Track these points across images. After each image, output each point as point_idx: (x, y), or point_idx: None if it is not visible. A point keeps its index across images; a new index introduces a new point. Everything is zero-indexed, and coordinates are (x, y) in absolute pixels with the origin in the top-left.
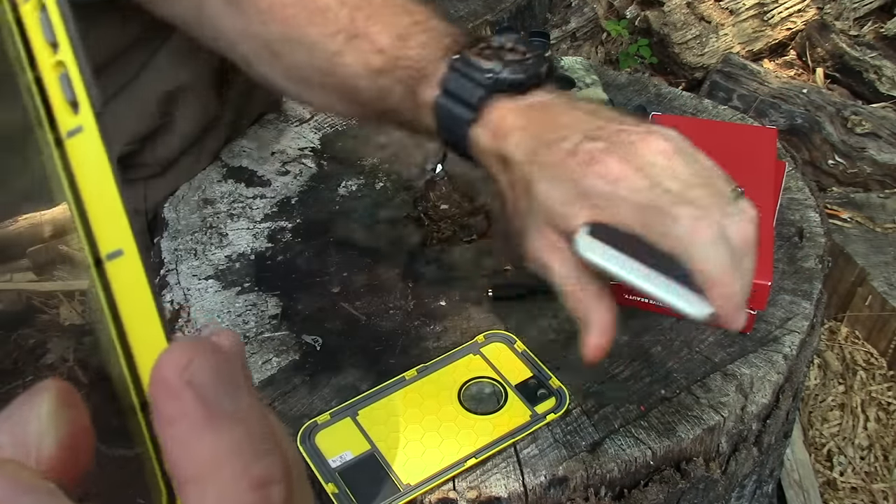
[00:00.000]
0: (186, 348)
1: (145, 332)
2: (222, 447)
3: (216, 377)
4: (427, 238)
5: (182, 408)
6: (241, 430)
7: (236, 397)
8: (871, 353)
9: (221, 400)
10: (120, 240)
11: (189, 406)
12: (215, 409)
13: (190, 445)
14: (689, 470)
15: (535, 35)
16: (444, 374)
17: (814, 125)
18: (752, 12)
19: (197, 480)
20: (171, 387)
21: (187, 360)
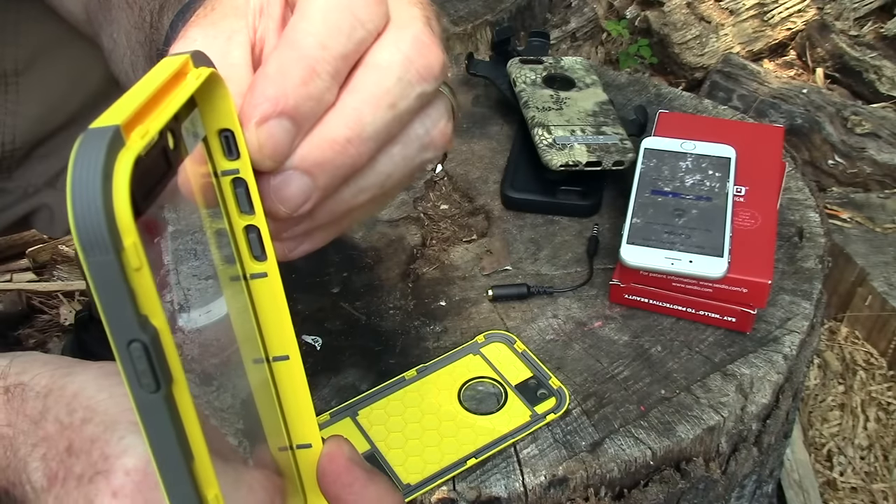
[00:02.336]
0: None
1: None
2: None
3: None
4: (427, 238)
5: (353, 474)
6: (383, 478)
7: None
8: (871, 353)
9: (366, 466)
10: (287, 349)
11: (357, 473)
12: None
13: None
14: (689, 470)
15: (535, 35)
16: (444, 374)
17: (814, 125)
18: (752, 12)
19: None
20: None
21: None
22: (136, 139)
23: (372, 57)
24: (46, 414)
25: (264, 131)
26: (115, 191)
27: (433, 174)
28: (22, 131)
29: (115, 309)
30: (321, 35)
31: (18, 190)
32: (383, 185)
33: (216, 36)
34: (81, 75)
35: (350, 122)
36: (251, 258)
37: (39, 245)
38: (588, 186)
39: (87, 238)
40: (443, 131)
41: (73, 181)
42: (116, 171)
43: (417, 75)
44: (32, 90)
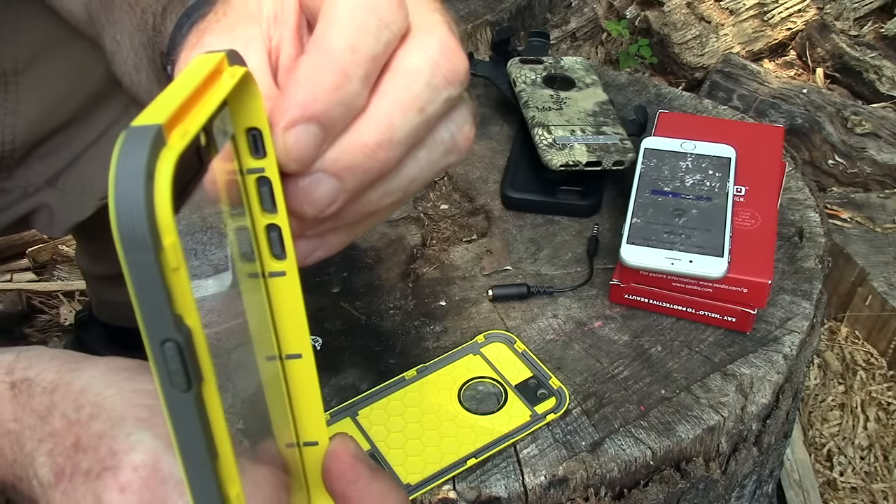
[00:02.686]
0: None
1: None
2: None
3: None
4: (427, 238)
5: (357, 471)
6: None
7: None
8: (871, 353)
9: (371, 463)
10: (301, 348)
11: (362, 470)
12: (372, 468)
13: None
14: (689, 470)
15: (535, 35)
16: (444, 374)
17: (814, 125)
18: (752, 12)
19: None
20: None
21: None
22: (176, 138)
23: (400, 62)
24: (53, 410)
25: (291, 135)
26: (157, 191)
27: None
28: (22, 131)
29: (151, 308)
30: (350, 38)
31: (18, 189)
32: (407, 190)
33: (232, 42)
34: (81, 75)
35: (381, 127)
36: (271, 256)
37: (39, 245)
38: (588, 186)
39: (128, 236)
40: (466, 136)
41: (115, 179)
42: (159, 171)
43: (445, 80)
44: (32, 90)
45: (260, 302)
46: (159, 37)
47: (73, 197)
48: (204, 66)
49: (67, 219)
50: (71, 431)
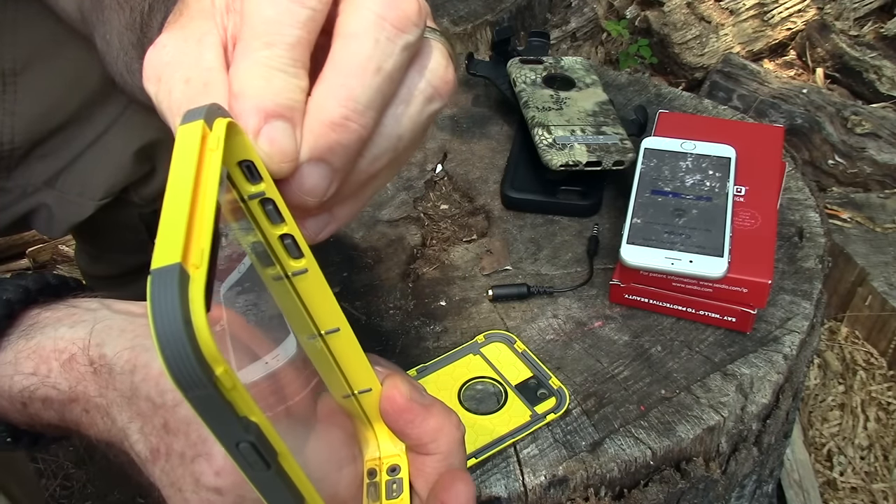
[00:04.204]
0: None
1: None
2: (439, 419)
3: (416, 388)
4: (427, 238)
5: (412, 411)
6: (439, 407)
7: (424, 394)
8: (871, 353)
9: (423, 399)
10: (336, 322)
11: (416, 409)
12: (425, 404)
13: (423, 426)
14: (689, 470)
15: (535, 35)
16: (444, 374)
17: (814, 125)
18: (752, 12)
19: (433, 440)
20: (404, 406)
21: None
22: (195, 261)
23: (343, 27)
24: (137, 391)
25: (264, 140)
26: (197, 332)
27: (433, 174)
28: (20, 131)
29: (220, 423)
30: (263, 35)
31: (17, 189)
32: (396, 148)
33: (186, 39)
34: (79, 75)
35: (341, 100)
36: (290, 258)
37: (39, 245)
38: (588, 186)
39: (183, 380)
40: (443, 78)
41: (157, 333)
42: (193, 312)
43: (394, 30)
44: (31, 90)
45: (289, 296)
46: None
47: (72, 197)
48: (190, 148)
49: (66, 219)
50: (158, 414)
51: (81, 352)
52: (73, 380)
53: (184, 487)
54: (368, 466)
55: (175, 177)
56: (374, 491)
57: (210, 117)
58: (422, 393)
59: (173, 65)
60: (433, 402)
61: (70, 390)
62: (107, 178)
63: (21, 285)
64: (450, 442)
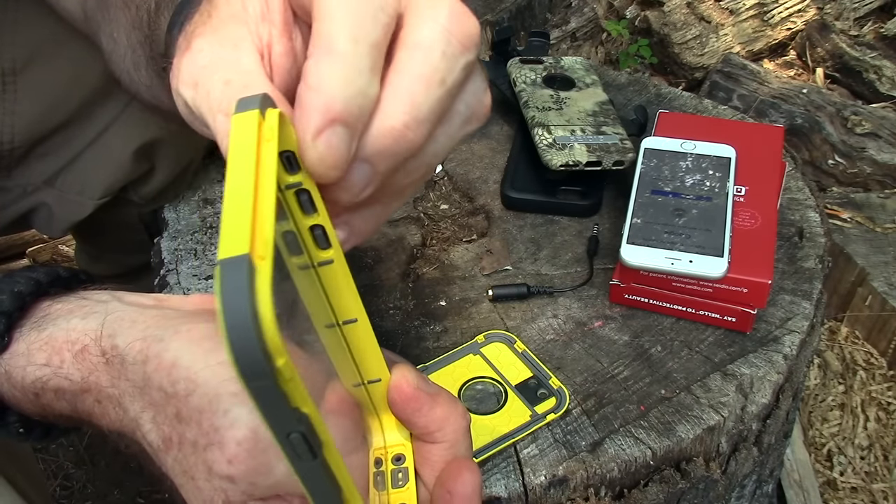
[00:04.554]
0: (406, 370)
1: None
2: (445, 408)
3: (422, 378)
4: (427, 238)
5: (419, 400)
6: (445, 396)
7: (430, 384)
8: (871, 353)
9: (430, 388)
10: (356, 313)
11: (423, 398)
12: (431, 393)
13: (430, 414)
14: (689, 470)
15: (535, 35)
16: (444, 374)
17: (814, 125)
18: (752, 12)
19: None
20: (411, 395)
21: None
22: (261, 252)
23: (412, 36)
24: (149, 382)
25: (322, 143)
26: (264, 325)
27: (433, 174)
28: (20, 130)
29: (274, 413)
30: (348, 31)
31: (17, 189)
32: (431, 164)
33: (222, 44)
34: (79, 74)
35: (406, 107)
36: (317, 249)
37: (39, 245)
38: (588, 186)
39: (247, 370)
40: (483, 102)
41: (227, 325)
42: (260, 304)
43: (460, 46)
44: (31, 89)
45: (312, 285)
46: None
47: (72, 196)
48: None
49: (66, 218)
50: (170, 403)
51: (93, 343)
52: (86, 370)
53: (196, 476)
54: (374, 456)
55: (235, 166)
56: (380, 480)
57: (264, 106)
58: (428, 383)
59: (210, 68)
60: (440, 392)
61: (82, 381)
62: (106, 176)
63: (32, 278)
64: (456, 430)
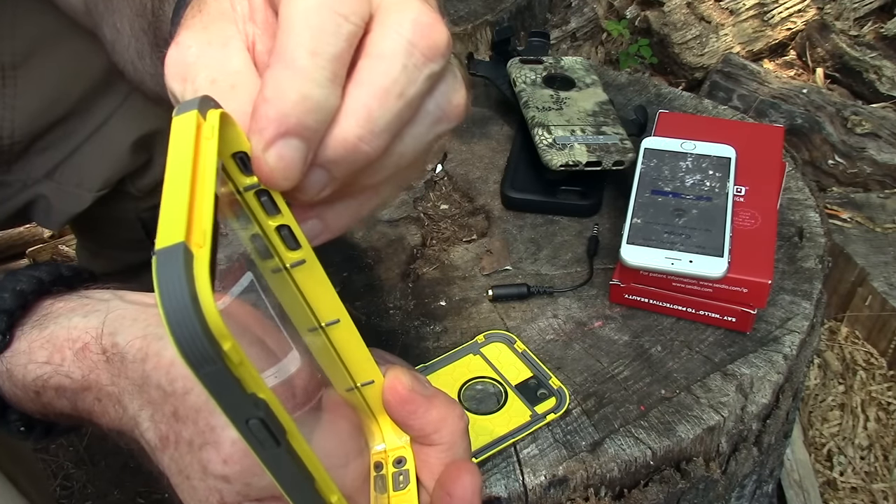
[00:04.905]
0: (400, 372)
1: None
2: (441, 410)
3: (418, 379)
4: (427, 238)
5: (415, 402)
6: (441, 398)
7: (427, 385)
8: (871, 353)
9: (426, 390)
10: (336, 313)
11: (419, 400)
12: (427, 395)
13: (426, 417)
14: (689, 470)
15: (535, 35)
16: (444, 374)
17: (814, 125)
18: (752, 12)
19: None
20: (406, 397)
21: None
22: (198, 241)
23: (374, 47)
24: (148, 380)
25: (273, 154)
26: (204, 309)
27: (433, 174)
28: (20, 125)
29: (230, 399)
30: (308, 43)
31: (17, 183)
32: (398, 165)
33: (210, 42)
34: (79, 68)
35: (360, 120)
36: (287, 250)
37: (39, 245)
38: (588, 186)
39: (193, 357)
40: (456, 103)
41: (165, 311)
42: (199, 289)
43: (423, 58)
44: (30, 84)
45: (288, 288)
46: (159, 20)
47: (70, 189)
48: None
49: (65, 211)
50: (168, 402)
51: (94, 340)
52: (86, 368)
53: (192, 475)
54: (374, 459)
55: (173, 164)
56: (381, 483)
57: (203, 108)
58: (424, 384)
59: (198, 65)
60: (436, 393)
61: (83, 378)
62: (105, 169)
63: (34, 276)
64: (453, 432)
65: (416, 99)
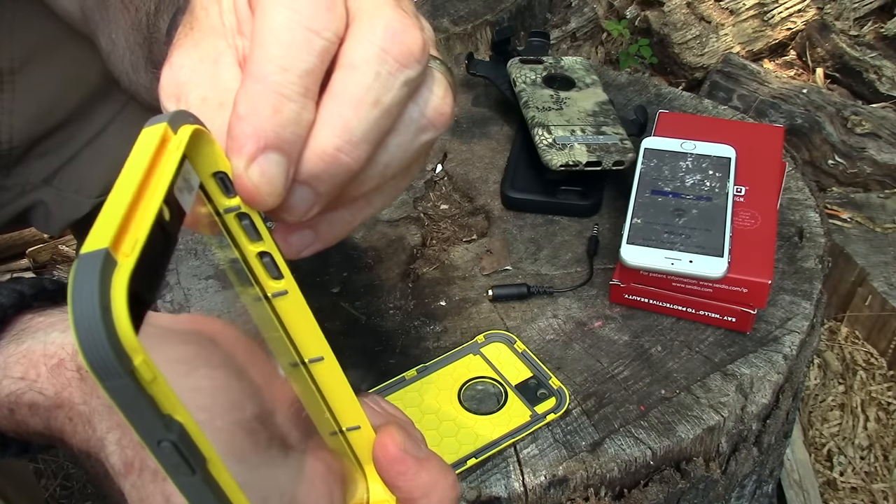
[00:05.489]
0: (393, 431)
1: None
2: (433, 474)
3: (413, 440)
4: (427, 238)
5: (405, 464)
6: (435, 462)
7: (422, 447)
8: (871, 353)
9: (419, 451)
10: (321, 351)
11: (409, 462)
12: (420, 457)
13: (415, 480)
14: (689, 470)
15: (535, 35)
16: (444, 374)
17: (814, 125)
18: (752, 12)
19: (424, 496)
20: (396, 456)
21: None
22: (126, 251)
23: (346, 57)
24: None
25: (256, 170)
26: (116, 320)
27: (433, 174)
28: (19, 130)
29: (139, 418)
30: (279, 59)
31: (16, 188)
32: (384, 175)
33: (202, 59)
34: (77, 74)
35: (337, 131)
36: (269, 279)
37: (39, 245)
38: (588, 186)
39: (99, 367)
40: (438, 109)
41: (74, 316)
42: (113, 298)
43: (396, 64)
44: (29, 89)
45: (269, 319)
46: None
47: (70, 195)
48: (147, 147)
49: (64, 217)
50: None
51: (70, 357)
52: (60, 385)
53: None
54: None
55: (126, 173)
56: None
57: (175, 122)
58: (419, 445)
59: (190, 84)
60: (430, 457)
61: (55, 396)
62: (104, 175)
63: (16, 290)
64: (441, 500)
65: (394, 106)
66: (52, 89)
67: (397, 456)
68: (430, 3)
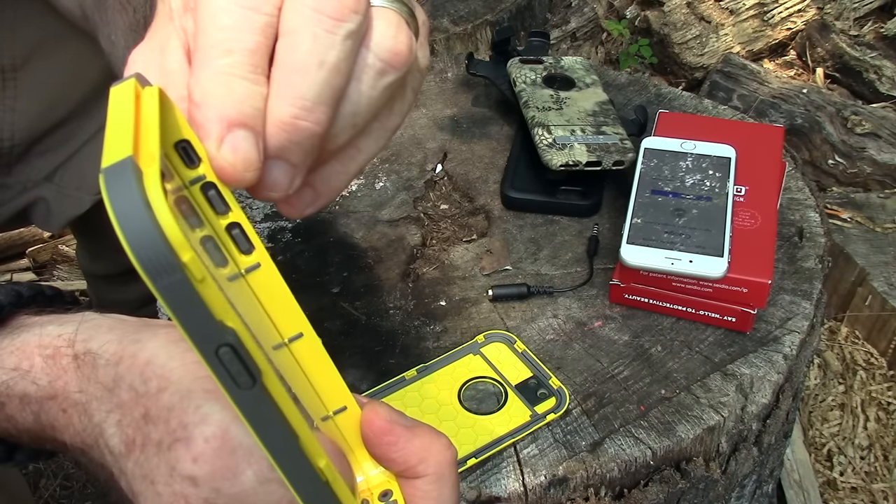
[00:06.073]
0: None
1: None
2: (424, 440)
3: (396, 411)
4: (427, 238)
5: (395, 433)
6: (424, 427)
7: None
8: (871, 353)
9: (406, 420)
10: (299, 326)
11: (399, 431)
12: (408, 425)
13: (409, 447)
14: (689, 470)
15: (535, 35)
16: (444, 374)
17: (814, 125)
18: (752, 12)
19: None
20: (385, 427)
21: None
22: (147, 162)
23: (284, 25)
24: (120, 382)
25: (227, 148)
26: (158, 215)
27: (433, 174)
28: (20, 127)
29: (195, 321)
30: (222, 43)
31: (17, 186)
32: (355, 124)
33: (152, 49)
34: (79, 71)
35: (289, 99)
36: (240, 253)
37: (39, 245)
38: (588, 186)
39: (151, 267)
40: (392, 49)
41: (119, 221)
42: (151, 197)
43: (332, 21)
44: (30, 86)
45: (248, 298)
46: None
47: (70, 192)
48: (125, 95)
49: (64, 213)
50: (139, 403)
51: (67, 346)
52: (54, 375)
53: (157, 479)
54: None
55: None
56: None
57: (142, 81)
58: (403, 416)
59: None
60: (418, 424)
61: (49, 385)
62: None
63: (14, 290)
64: (440, 462)
65: (341, 62)
66: (54, 87)
67: (385, 427)
68: (430, 3)
